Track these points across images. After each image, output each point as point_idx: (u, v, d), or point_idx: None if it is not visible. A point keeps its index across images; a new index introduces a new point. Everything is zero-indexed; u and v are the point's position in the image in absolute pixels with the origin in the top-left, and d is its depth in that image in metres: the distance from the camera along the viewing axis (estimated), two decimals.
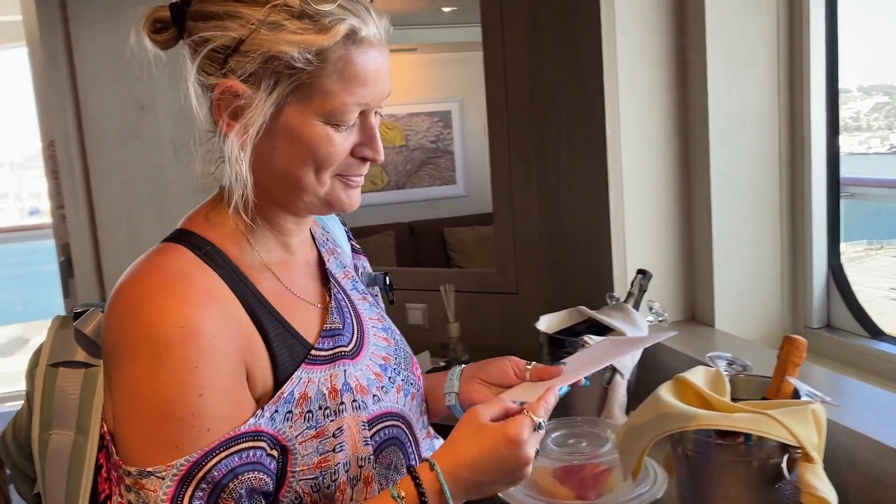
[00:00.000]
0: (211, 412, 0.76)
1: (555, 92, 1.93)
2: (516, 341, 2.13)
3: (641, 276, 1.56)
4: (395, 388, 0.97)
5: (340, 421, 0.86)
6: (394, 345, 1.02)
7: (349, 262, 1.09)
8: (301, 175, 0.84)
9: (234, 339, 0.80)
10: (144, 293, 0.78)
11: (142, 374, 0.75)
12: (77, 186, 2.25)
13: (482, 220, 4.24)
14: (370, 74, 0.83)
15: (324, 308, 0.93)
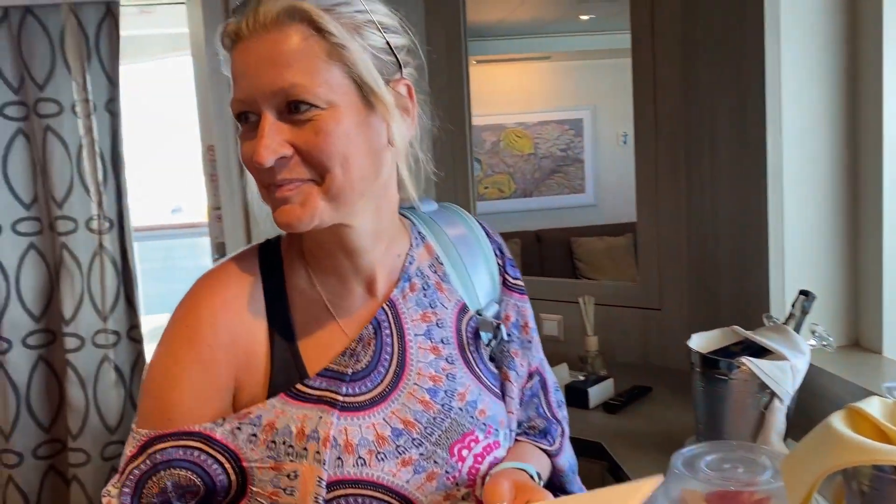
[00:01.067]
0: (178, 405, 0.83)
1: (710, 102, 1.87)
2: (658, 359, 2.09)
3: (804, 296, 1.48)
4: (398, 460, 0.85)
5: (298, 466, 0.82)
6: (435, 412, 0.88)
7: (452, 302, 0.95)
8: None
9: (232, 352, 0.85)
10: (196, 284, 0.88)
11: (155, 350, 0.87)
12: (234, 189, 2.38)
13: (612, 230, 4.16)
14: (236, 68, 0.78)
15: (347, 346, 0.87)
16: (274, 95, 0.76)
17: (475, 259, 0.99)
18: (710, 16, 1.84)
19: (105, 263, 2.43)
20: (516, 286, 1.03)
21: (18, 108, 2.38)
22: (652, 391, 1.90)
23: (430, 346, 0.91)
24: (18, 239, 2.42)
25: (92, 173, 2.40)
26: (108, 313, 2.44)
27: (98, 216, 2.42)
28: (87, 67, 2.36)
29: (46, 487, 2.50)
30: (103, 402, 2.45)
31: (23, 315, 2.43)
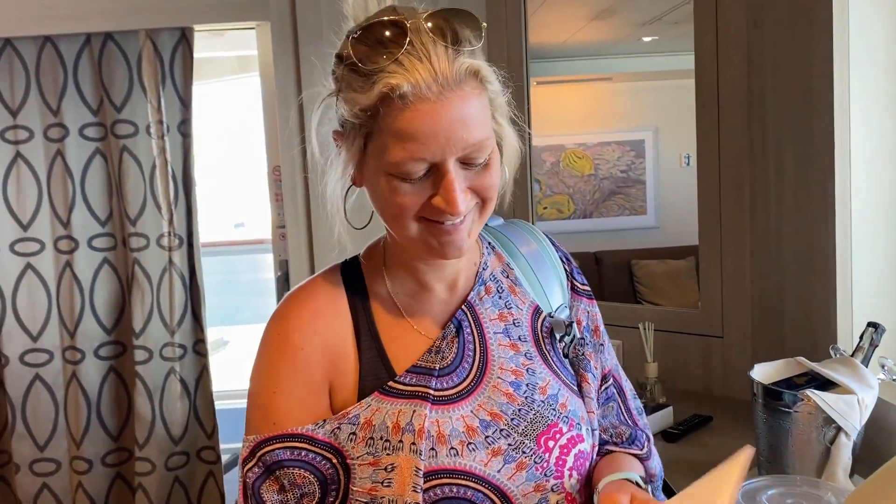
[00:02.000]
0: (279, 410, 0.91)
1: (775, 127, 1.84)
2: (720, 388, 2.04)
3: (873, 328, 1.44)
4: (488, 451, 0.89)
5: (395, 458, 0.88)
6: (519, 404, 0.93)
7: (526, 303, 1.00)
8: (388, 220, 0.89)
9: (323, 355, 0.92)
10: (284, 301, 0.97)
11: (253, 365, 0.95)
12: (298, 209, 2.44)
13: (674, 253, 4.08)
14: (421, 129, 0.79)
15: (431, 344, 0.95)
16: (463, 151, 0.81)
17: (547, 271, 1.05)
18: (777, 40, 1.81)
19: (174, 279, 2.52)
20: (585, 291, 1.08)
21: (97, 129, 2.50)
22: (712, 420, 1.86)
23: (508, 343, 0.97)
24: (94, 254, 2.53)
25: (164, 192, 2.50)
26: (176, 327, 2.53)
27: (168, 233, 2.51)
28: (162, 90, 2.47)
29: (113, 494, 2.59)
30: (168, 414, 2.53)
31: (96, 327, 2.54)
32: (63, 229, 2.52)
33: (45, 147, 2.49)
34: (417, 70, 0.79)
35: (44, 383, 2.55)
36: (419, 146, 0.80)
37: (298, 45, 2.39)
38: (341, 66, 0.84)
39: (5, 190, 2.50)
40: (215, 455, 2.61)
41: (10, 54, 2.45)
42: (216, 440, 2.61)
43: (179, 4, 2.42)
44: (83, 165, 2.50)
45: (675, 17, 3.00)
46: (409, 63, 0.79)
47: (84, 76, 2.47)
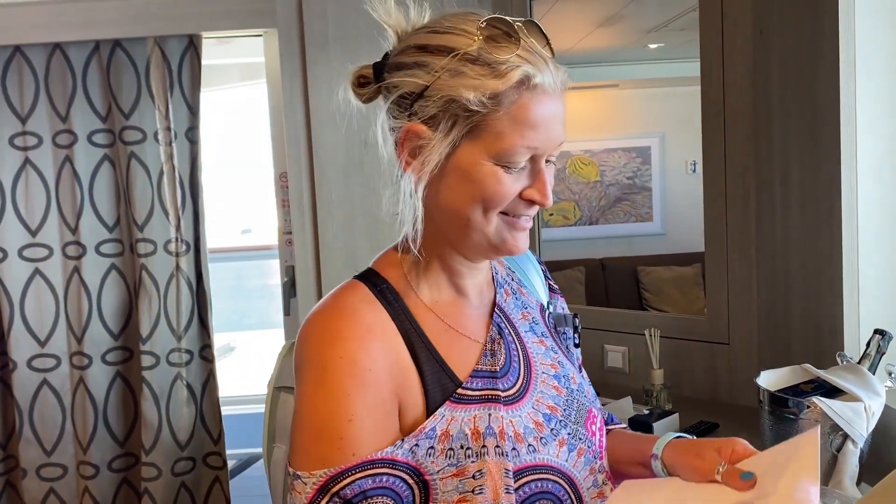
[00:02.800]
0: (358, 437, 0.85)
1: (781, 134, 1.84)
2: (726, 395, 2.04)
3: (880, 336, 1.43)
4: (556, 442, 0.95)
5: (482, 464, 0.88)
6: (565, 395, 1.00)
7: (534, 303, 1.08)
8: (468, 213, 0.89)
9: (390, 373, 0.88)
10: (320, 323, 0.90)
11: (307, 393, 0.88)
12: (305, 215, 2.44)
13: (680, 259, 4.08)
14: (540, 119, 0.86)
15: (483, 348, 0.96)
16: (556, 147, 0.89)
17: (532, 272, 1.13)
18: (783, 47, 1.81)
19: (181, 285, 2.53)
20: (557, 289, 1.17)
21: (105, 136, 2.52)
22: (719, 427, 1.85)
23: (536, 339, 1.03)
24: (101, 260, 2.54)
25: (171, 198, 2.51)
26: (183, 333, 2.54)
27: (176, 239, 2.52)
28: (170, 97, 2.48)
29: (120, 499, 2.60)
30: (175, 419, 2.53)
31: (103, 332, 2.55)
32: (71, 235, 2.53)
33: (54, 153, 2.51)
34: (541, 65, 0.86)
35: (51, 388, 2.56)
36: (535, 135, 0.86)
37: (305, 52, 2.40)
38: (448, 58, 0.86)
39: (14, 196, 2.52)
40: (221, 461, 2.61)
41: (20, 61, 2.47)
42: (222, 446, 2.61)
43: (187, 12, 2.44)
44: (91, 171, 2.52)
45: (682, 23, 3.00)
46: (531, 58, 0.86)
47: (93, 83, 2.49)
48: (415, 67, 0.88)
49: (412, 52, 0.89)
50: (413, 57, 0.88)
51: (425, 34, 0.90)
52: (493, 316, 0.99)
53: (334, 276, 2.44)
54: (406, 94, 0.88)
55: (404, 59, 0.89)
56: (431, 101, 0.86)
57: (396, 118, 0.89)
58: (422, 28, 0.91)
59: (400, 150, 0.90)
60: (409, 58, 0.89)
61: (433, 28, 0.90)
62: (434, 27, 0.90)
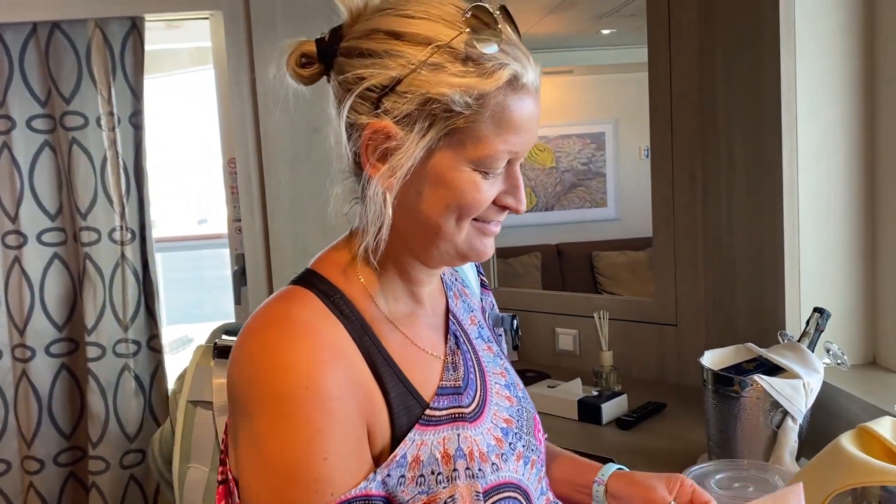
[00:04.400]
0: (335, 477, 0.76)
1: (726, 119, 1.86)
2: (674, 375, 2.07)
3: (818, 314, 1.47)
4: (514, 456, 0.89)
5: (454, 489, 0.81)
6: (516, 405, 0.94)
7: (477, 304, 1.03)
8: (441, 222, 0.81)
9: (357, 399, 0.78)
10: (270, 345, 0.77)
11: (267, 431, 0.75)
12: (254, 201, 2.41)
13: (633, 244, 4.13)
14: (524, 122, 0.80)
15: (444, 362, 0.89)
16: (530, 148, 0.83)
17: (466, 269, 1.06)
18: (727, 31, 1.83)
19: (126, 274, 2.47)
20: (487, 284, 1.10)
21: (45, 121, 2.44)
22: (666, 408, 1.88)
23: (485, 346, 0.97)
24: (43, 249, 2.47)
25: (115, 185, 2.45)
26: (129, 323, 2.48)
27: (121, 227, 2.46)
28: (113, 81, 2.41)
29: (66, 494, 2.54)
30: (123, 411, 2.48)
31: (46, 324, 2.48)
32: (11, 224, 2.45)
33: None
34: (524, 62, 0.80)
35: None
36: (517, 139, 0.80)
37: (252, 34, 2.36)
38: (427, 49, 0.77)
39: None
40: None
41: None
42: None
43: None
44: (31, 158, 2.44)
45: (632, 9, 3.02)
46: (514, 53, 0.79)
47: (31, 67, 2.40)
48: (385, 57, 0.78)
49: (381, 38, 0.79)
50: (382, 44, 0.79)
51: (396, 18, 0.80)
52: (449, 325, 0.92)
53: (284, 263, 2.41)
54: (373, 87, 0.78)
55: (370, 45, 0.79)
56: (406, 98, 0.77)
57: (360, 114, 0.79)
58: (388, 9, 0.81)
59: (365, 151, 0.80)
60: (376, 44, 0.79)
61: (404, 12, 0.80)
62: (405, 10, 0.80)
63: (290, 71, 0.87)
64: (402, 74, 0.77)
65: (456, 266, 0.94)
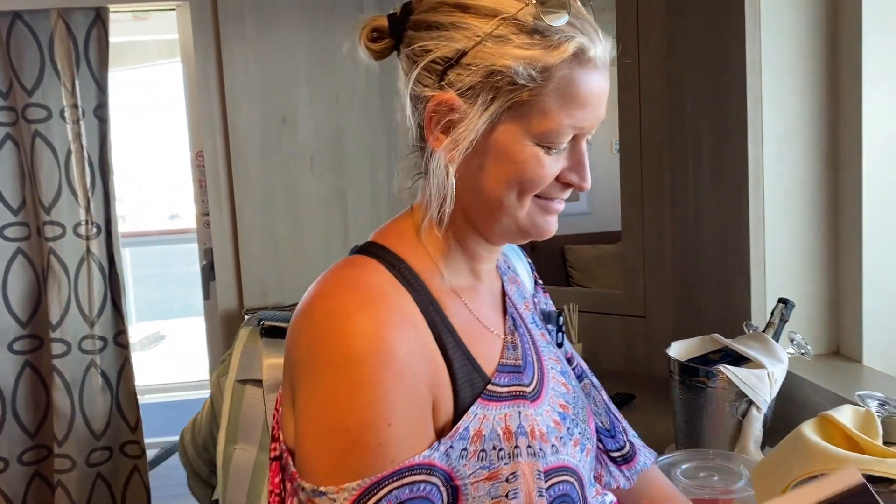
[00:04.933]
0: (398, 443, 0.74)
1: (693, 112, 1.88)
2: (643, 366, 2.09)
3: (783, 305, 1.48)
4: (572, 441, 0.88)
5: (515, 466, 0.80)
6: (572, 392, 0.94)
7: (529, 295, 1.02)
8: (503, 197, 0.80)
9: (425, 367, 0.78)
10: (341, 309, 0.76)
11: (334, 394, 0.74)
12: (222, 195, 2.38)
13: (605, 238, 4.15)
14: (591, 97, 0.79)
15: (504, 341, 0.88)
16: (597, 126, 0.82)
17: (513, 259, 1.04)
18: (694, 26, 1.84)
19: (92, 269, 2.43)
20: (542, 285, 1.09)
21: (7, 114, 2.39)
22: (635, 399, 1.89)
23: (539, 332, 0.96)
24: (6, 244, 2.43)
25: (80, 179, 2.41)
26: (95, 319, 2.45)
27: (86, 222, 2.43)
28: (76, 73, 2.37)
29: (31, 493, 2.50)
30: (89, 408, 2.45)
31: (10, 320, 2.44)
32: None
33: None
34: (593, 36, 0.78)
35: None
36: (583, 114, 0.78)
37: (219, 25, 2.33)
38: (494, 21, 0.76)
39: None
40: (140, 449, 2.54)
41: None
42: (140, 434, 2.54)
43: None
44: None
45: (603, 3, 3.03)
46: (583, 27, 0.78)
47: None
48: (451, 29, 0.77)
49: (447, 10, 0.78)
50: (449, 16, 0.78)
51: None
52: (506, 306, 0.92)
53: (254, 256, 2.39)
54: (438, 60, 0.78)
55: (438, 17, 0.79)
56: (470, 71, 0.76)
57: (425, 86, 0.79)
58: None
59: (428, 123, 0.79)
60: (443, 17, 0.78)
61: None
62: None
63: (362, 45, 0.85)
64: (468, 47, 0.77)
65: (517, 243, 0.91)
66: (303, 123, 2.35)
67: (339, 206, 2.44)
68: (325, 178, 2.40)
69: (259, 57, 2.33)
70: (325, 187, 2.41)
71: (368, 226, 2.50)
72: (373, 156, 2.43)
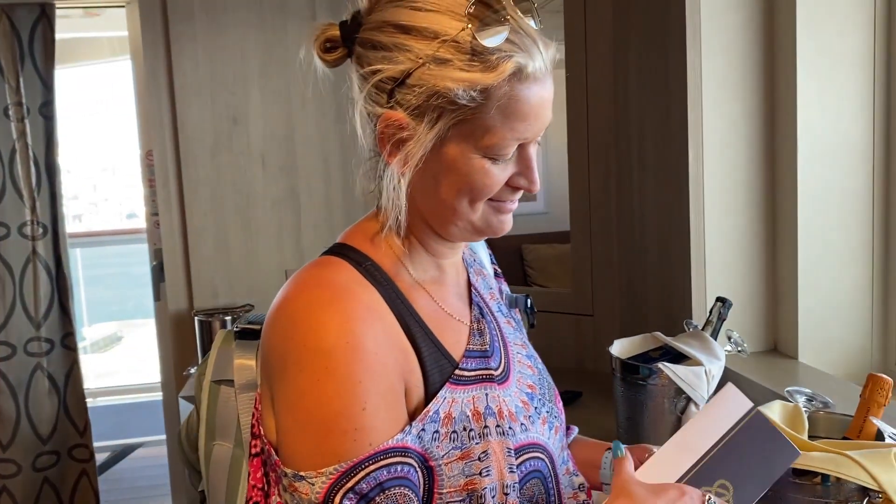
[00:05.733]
0: (374, 427, 0.78)
1: (638, 114, 1.91)
2: (591, 364, 2.12)
3: (721, 303, 1.52)
4: (540, 420, 0.94)
5: (486, 445, 0.85)
6: (538, 374, 0.99)
7: (494, 286, 1.07)
8: (456, 204, 0.85)
9: (394, 355, 0.82)
10: (310, 306, 0.81)
11: (308, 385, 0.78)
12: (171, 195, 2.36)
13: (561, 237, 4.20)
14: (532, 110, 0.81)
15: (470, 328, 0.93)
16: (543, 130, 0.85)
17: (477, 249, 1.09)
18: (639, 28, 1.88)
19: (38, 270, 2.39)
20: (501, 273, 1.13)
21: None
22: (582, 396, 1.92)
23: (505, 320, 1.01)
24: None
25: (25, 178, 2.37)
26: (42, 321, 2.41)
27: (31, 222, 2.38)
28: (21, 70, 2.33)
29: None
30: (35, 412, 2.41)
31: None
32: None
33: None
34: (532, 50, 0.80)
35: None
36: (526, 126, 0.81)
37: (168, 24, 2.30)
38: (434, 43, 0.79)
39: None
40: (89, 453, 2.50)
41: None
42: (89, 437, 2.51)
43: None
44: None
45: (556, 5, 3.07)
46: (521, 42, 0.79)
47: None
48: (395, 50, 0.80)
49: (391, 31, 0.81)
50: (392, 38, 0.81)
51: (405, 10, 0.81)
52: (472, 296, 0.97)
53: (204, 257, 2.37)
54: (386, 80, 0.81)
55: (382, 38, 0.82)
56: (415, 92, 0.80)
57: (376, 104, 0.82)
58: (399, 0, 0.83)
59: (381, 140, 0.83)
60: (387, 38, 0.81)
61: (414, 3, 0.81)
62: (415, 1, 0.81)
63: (316, 55, 0.88)
64: (411, 68, 0.79)
65: (475, 241, 0.97)
66: (254, 123, 2.34)
67: (291, 207, 2.43)
68: (276, 179, 2.39)
69: (209, 56, 2.31)
70: (277, 187, 2.40)
71: (322, 226, 2.53)
72: (325, 156, 2.43)
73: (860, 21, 1.58)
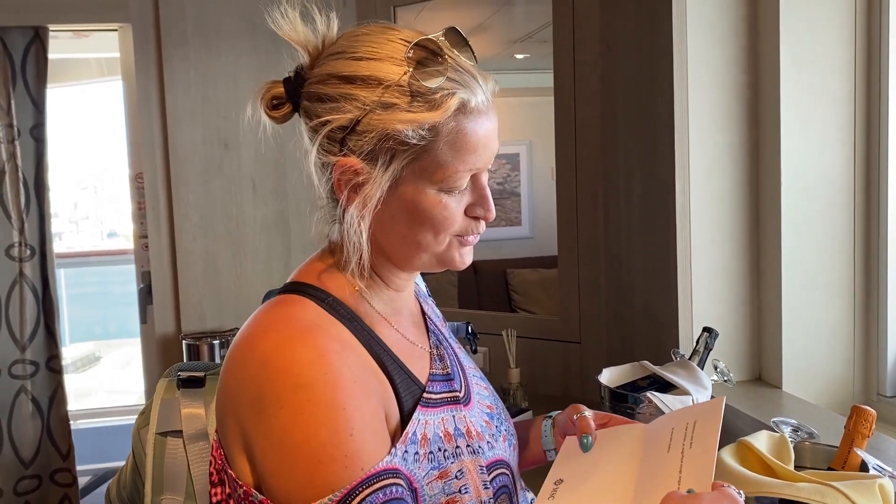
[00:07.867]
0: (363, 451, 0.79)
1: (625, 143, 1.95)
2: (578, 391, 2.13)
3: (707, 333, 1.55)
4: (501, 437, 1.00)
5: (461, 464, 0.90)
6: (492, 394, 1.05)
7: (439, 312, 1.12)
8: (420, 238, 0.88)
9: (371, 382, 0.85)
10: (281, 344, 0.81)
11: (290, 421, 0.78)
12: (161, 218, 2.36)
13: (546, 262, 4.23)
14: (480, 141, 0.85)
15: (431, 354, 0.98)
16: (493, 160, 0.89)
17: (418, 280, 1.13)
18: (627, 61, 1.92)
19: (25, 292, 2.38)
20: (430, 293, 1.17)
21: None
22: None
23: (457, 346, 1.07)
24: None
25: (14, 199, 2.36)
26: (27, 343, 2.39)
27: (19, 243, 2.37)
28: (13, 92, 2.33)
29: None
30: (18, 435, 2.38)
31: None
32: None
33: None
34: (472, 84, 0.85)
35: None
36: (475, 157, 0.85)
37: (161, 48, 2.32)
38: (378, 90, 0.82)
39: None
40: (71, 477, 2.47)
41: None
42: (72, 461, 2.48)
43: (33, 2, 2.30)
44: None
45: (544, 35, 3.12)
46: (461, 79, 0.84)
47: None
48: (341, 101, 0.84)
49: (335, 82, 0.85)
50: (337, 89, 0.84)
51: (346, 61, 0.85)
52: (428, 324, 1.02)
53: (192, 281, 2.37)
54: (336, 129, 0.84)
55: (328, 90, 0.85)
56: (365, 137, 0.83)
57: (329, 153, 0.86)
58: (339, 52, 0.86)
59: (338, 185, 0.86)
60: (332, 89, 0.84)
61: (353, 53, 0.85)
62: (354, 52, 0.85)
63: (264, 113, 0.91)
64: (359, 116, 0.83)
65: (436, 271, 0.98)
66: (245, 147, 2.36)
67: (280, 231, 2.44)
68: (266, 202, 2.40)
69: (201, 79, 2.32)
70: (267, 211, 2.41)
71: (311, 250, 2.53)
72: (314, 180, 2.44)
73: (842, 59, 1.63)
